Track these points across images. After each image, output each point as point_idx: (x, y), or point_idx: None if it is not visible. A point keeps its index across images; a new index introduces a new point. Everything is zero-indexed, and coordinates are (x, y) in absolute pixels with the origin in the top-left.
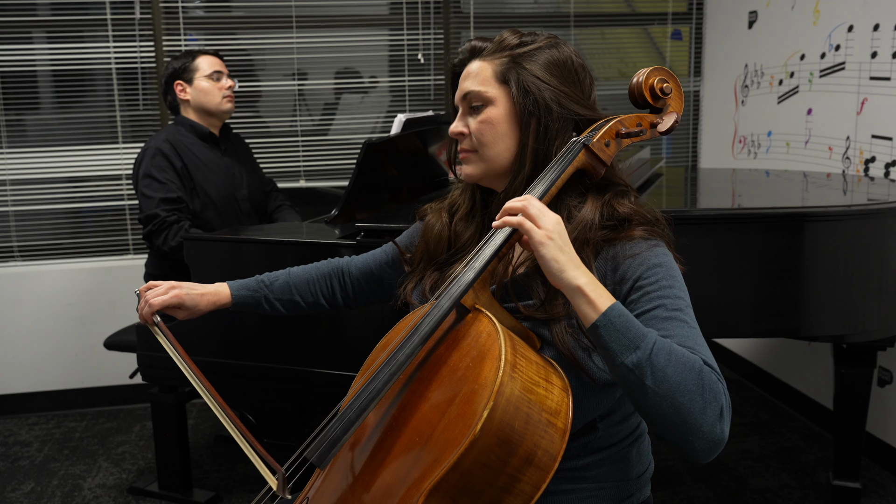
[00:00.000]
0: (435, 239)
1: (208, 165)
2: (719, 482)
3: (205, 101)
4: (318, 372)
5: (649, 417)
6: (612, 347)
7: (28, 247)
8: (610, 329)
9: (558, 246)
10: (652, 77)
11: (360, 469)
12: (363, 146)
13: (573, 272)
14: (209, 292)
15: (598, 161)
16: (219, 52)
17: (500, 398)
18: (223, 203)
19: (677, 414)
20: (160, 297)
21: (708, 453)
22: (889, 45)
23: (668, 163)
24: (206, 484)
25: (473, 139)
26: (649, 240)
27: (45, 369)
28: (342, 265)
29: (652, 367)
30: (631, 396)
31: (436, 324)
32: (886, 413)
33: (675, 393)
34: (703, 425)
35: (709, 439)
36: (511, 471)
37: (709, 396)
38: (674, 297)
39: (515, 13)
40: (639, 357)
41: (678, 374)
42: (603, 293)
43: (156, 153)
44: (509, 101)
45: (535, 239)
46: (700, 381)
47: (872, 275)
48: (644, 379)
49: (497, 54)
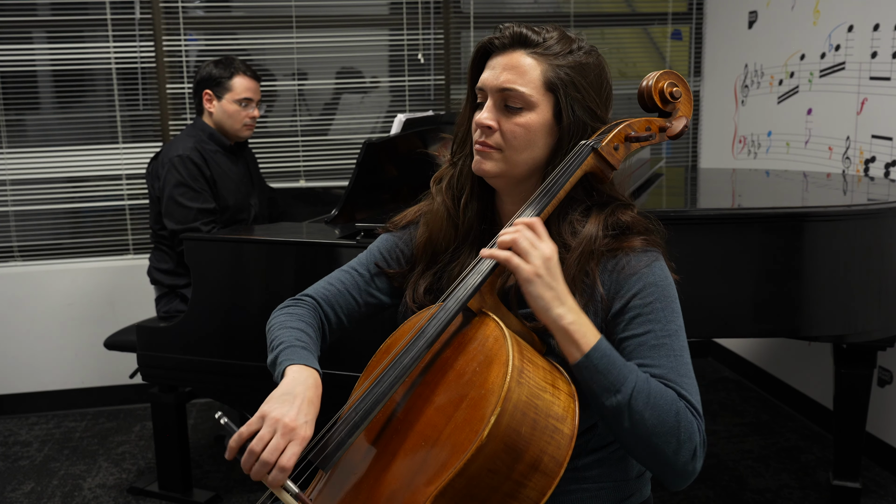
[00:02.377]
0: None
1: (228, 175)
2: (719, 482)
3: (226, 122)
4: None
5: (627, 450)
6: (594, 388)
7: (28, 247)
8: (592, 371)
9: (545, 283)
10: (662, 81)
11: (364, 472)
12: (363, 146)
13: (558, 310)
14: (313, 396)
15: (607, 165)
16: (258, 75)
17: (507, 404)
18: (239, 211)
19: (653, 454)
20: (286, 452)
21: (680, 485)
22: (889, 45)
23: (668, 163)
24: (206, 484)
25: (503, 138)
26: (649, 252)
27: (45, 369)
28: (316, 306)
29: (630, 411)
30: (609, 430)
31: (442, 327)
32: (886, 413)
33: (651, 435)
34: (675, 464)
35: (681, 475)
36: (517, 476)
37: (683, 437)
38: (665, 321)
39: (515, 13)
40: (618, 401)
41: (655, 416)
42: (588, 331)
43: (187, 161)
44: (550, 111)
45: (521, 276)
46: (677, 423)
47: (872, 275)
48: (622, 421)
49: (548, 56)
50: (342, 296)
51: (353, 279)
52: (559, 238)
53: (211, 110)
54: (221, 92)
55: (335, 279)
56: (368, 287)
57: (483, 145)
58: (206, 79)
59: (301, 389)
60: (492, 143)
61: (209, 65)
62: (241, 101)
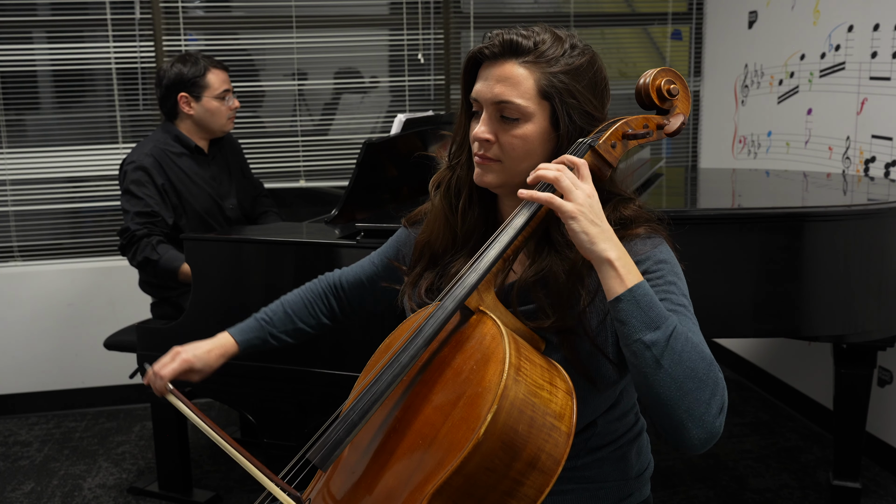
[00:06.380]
0: (439, 232)
1: (193, 179)
2: (719, 482)
3: (210, 121)
4: (318, 372)
5: (653, 398)
6: (633, 322)
7: (28, 247)
8: (634, 305)
9: (589, 219)
10: (659, 78)
11: (362, 471)
12: (363, 146)
13: (603, 244)
14: (214, 347)
15: (605, 163)
16: (224, 64)
17: (504, 401)
18: (209, 215)
19: (683, 399)
20: (169, 366)
21: (704, 444)
22: (889, 45)
23: (668, 163)
24: (206, 484)
25: (501, 150)
26: (653, 237)
27: (45, 369)
28: (335, 281)
29: (669, 349)
30: (639, 375)
31: (440, 326)
32: (886, 413)
33: (687, 378)
34: (706, 415)
35: (708, 430)
36: (515, 475)
37: (715, 388)
38: (678, 293)
39: (515, 13)
40: (658, 337)
41: (692, 360)
42: (632, 270)
43: (137, 168)
44: (547, 119)
45: (565, 213)
46: (710, 371)
47: (872, 275)
48: (661, 358)
49: (540, 64)
50: (358, 281)
51: (373, 267)
52: (563, 238)
53: (190, 112)
54: (198, 91)
55: (359, 265)
56: (381, 277)
57: (483, 158)
58: (177, 81)
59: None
60: (491, 155)
61: (174, 65)
62: (221, 97)
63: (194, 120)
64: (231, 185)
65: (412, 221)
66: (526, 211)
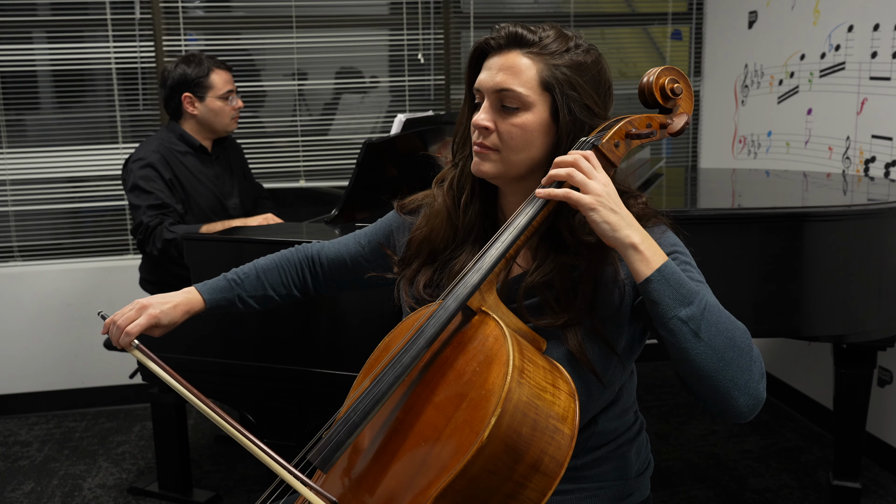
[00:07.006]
0: (440, 227)
1: (198, 177)
2: (719, 482)
3: (215, 121)
4: (318, 372)
5: (696, 372)
6: (666, 302)
7: (28, 247)
8: (664, 284)
9: (609, 208)
10: (662, 77)
11: (363, 473)
12: (363, 146)
13: (626, 230)
14: (181, 302)
15: (608, 162)
16: (227, 64)
17: (507, 404)
18: (213, 213)
19: (725, 369)
20: (134, 321)
21: (751, 410)
22: (889, 45)
23: (668, 163)
24: (206, 484)
25: (500, 139)
26: (659, 226)
27: (45, 369)
28: (312, 254)
29: (705, 322)
30: (679, 352)
31: (441, 326)
32: (886, 413)
33: (727, 348)
34: (749, 381)
35: (753, 396)
36: (518, 477)
37: (754, 355)
38: (695, 271)
39: (515, 13)
40: (692, 311)
41: (728, 330)
42: (657, 251)
43: (144, 165)
44: (547, 111)
45: (584, 206)
46: (746, 339)
47: (872, 275)
48: (698, 332)
49: (544, 56)
50: (340, 259)
51: (358, 248)
52: (571, 234)
53: (194, 112)
54: (202, 92)
55: (341, 242)
56: (367, 260)
57: (481, 146)
58: (181, 81)
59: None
60: (489, 143)
61: (178, 66)
62: (224, 97)
63: (198, 120)
64: (234, 185)
65: (406, 210)
66: (529, 210)
